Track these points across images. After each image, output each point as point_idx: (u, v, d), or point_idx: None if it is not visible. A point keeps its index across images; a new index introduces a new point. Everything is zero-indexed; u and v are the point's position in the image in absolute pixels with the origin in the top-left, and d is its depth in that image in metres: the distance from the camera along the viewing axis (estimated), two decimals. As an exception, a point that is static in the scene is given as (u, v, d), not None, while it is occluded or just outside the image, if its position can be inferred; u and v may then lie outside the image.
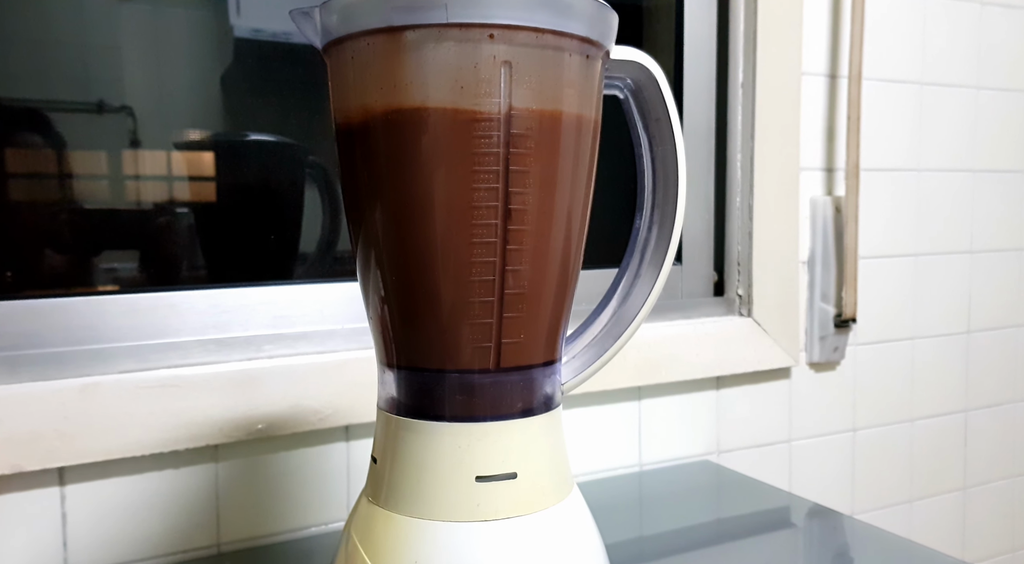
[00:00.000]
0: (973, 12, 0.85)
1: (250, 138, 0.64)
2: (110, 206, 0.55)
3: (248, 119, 0.62)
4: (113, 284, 0.55)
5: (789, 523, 0.60)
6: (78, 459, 0.46)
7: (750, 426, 0.75)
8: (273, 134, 0.63)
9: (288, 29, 0.62)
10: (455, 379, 0.30)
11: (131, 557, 0.49)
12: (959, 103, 0.86)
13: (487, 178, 0.28)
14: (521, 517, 0.30)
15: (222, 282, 0.55)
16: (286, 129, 0.63)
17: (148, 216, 0.57)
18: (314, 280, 0.58)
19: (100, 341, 0.49)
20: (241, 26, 0.60)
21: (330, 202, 0.66)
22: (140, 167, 0.57)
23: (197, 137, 0.60)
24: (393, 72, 0.28)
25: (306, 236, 0.65)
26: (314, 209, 0.65)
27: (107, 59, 0.56)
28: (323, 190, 0.66)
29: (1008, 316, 0.92)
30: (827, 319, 0.77)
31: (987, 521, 0.93)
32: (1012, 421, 0.94)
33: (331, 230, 0.67)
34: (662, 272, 0.35)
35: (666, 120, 0.34)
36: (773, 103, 0.71)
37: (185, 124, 0.58)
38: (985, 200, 0.89)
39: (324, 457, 0.55)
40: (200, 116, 0.59)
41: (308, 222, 0.65)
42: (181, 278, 0.58)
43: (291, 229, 0.65)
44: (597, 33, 0.29)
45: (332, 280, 0.58)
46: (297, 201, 0.65)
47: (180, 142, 0.59)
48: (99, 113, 0.55)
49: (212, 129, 0.61)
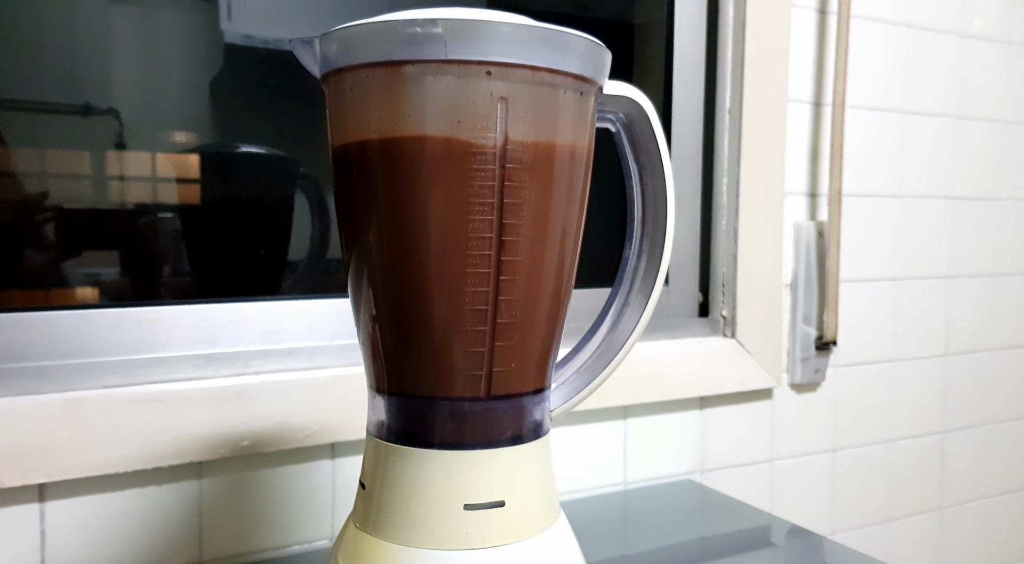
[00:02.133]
0: (953, 44, 0.87)
1: (241, 150, 0.64)
2: (93, 207, 0.55)
3: (237, 126, 0.62)
4: (93, 288, 0.54)
5: (769, 543, 0.60)
6: (60, 475, 0.46)
7: (733, 446, 0.76)
8: (262, 141, 0.63)
9: (279, 35, 0.62)
10: (446, 406, 0.30)
11: (111, 574, 0.49)
12: (939, 132, 0.87)
13: (482, 210, 0.28)
14: (509, 545, 0.30)
15: (211, 297, 0.55)
16: (276, 137, 0.63)
17: (133, 226, 0.57)
18: (304, 296, 0.58)
19: (85, 355, 0.49)
20: (232, 31, 0.60)
21: (320, 215, 0.66)
22: (126, 172, 0.56)
23: (187, 148, 0.59)
24: (392, 104, 0.28)
25: (295, 249, 0.64)
26: (304, 221, 0.65)
27: (95, 61, 0.55)
28: (313, 202, 0.66)
29: (984, 340, 0.94)
30: (809, 341, 0.78)
31: (963, 541, 0.95)
32: (987, 443, 0.96)
33: (320, 243, 0.67)
34: (651, 300, 0.36)
35: (656, 153, 0.34)
36: (759, 129, 0.72)
37: (172, 128, 0.58)
38: (963, 227, 0.91)
39: (309, 474, 0.55)
40: (188, 121, 0.59)
41: (298, 234, 0.65)
42: (168, 289, 0.58)
43: (280, 242, 0.65)
44: (591, 70, 0.30)
45: (322, 296, 0.58)
46: (287, 214, 0.65)
47: (170, 149, 0.59)
48: (85, 116, 0.55)
49: (199, 134, 0.60)
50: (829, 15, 0.78)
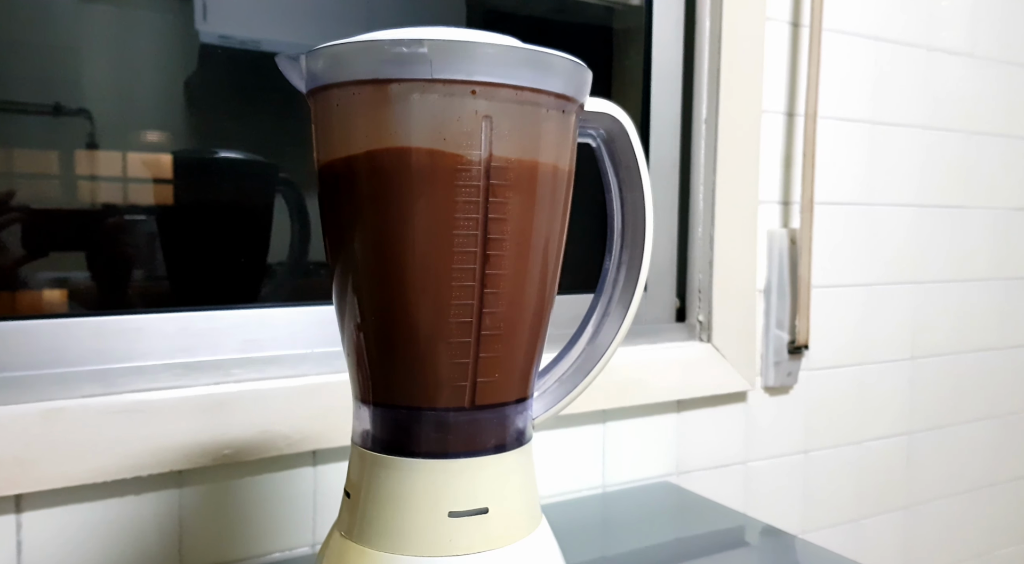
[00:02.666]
0: (921, 57, 0.90)
1: (220, 155, 0.64)
2: (62, 208, 0.54)
3: (213, 128, 0.61)
4: (62, 290, 0.53)
5: (743, 543, 0.62)
6: (37, 486, 0.45)
7: (708, 448, 0.77)
8: (239, 144, 0.62)
9: (256, 37, 0.61)
10: (431, 417, 0.31)
11: (90, 584, 0.49)
12: (908, 142, 0.90)
13: (467, 225, 0.29)
14: (492, 551, 0.31)
15: (187, 304, 0.55)
16: (253, 140, 0.62)
17: (104, 228, 0.56)
18: (285, 303, 0.58)
19: (64, 365, 0.49)
20: (208, 32, 0.59)
21: (299, 221, 0.66)
22: (98, 172, 0.55)
23: (164, 150, 0.59)
24: (378, 121, 0.29)
25: (275, 255, 0.64)
26: (283, 227, 0.64)
27: (66, 61, 0.54)
28: (293, 208, 0.66)
29: (951, 343, 0.96)
30: (781, 345, 0.80)
31: (929, 538, 0.97)
32: (953, 443, 0.98)
33: (300, 249, 0.67)
34: (630, 310, 0.36)
35: (635, 168, 0.35)
36: (734, 138, 0.74)
37: (145, 129, 0.57)
38: (931, 234, 0.93)
39: (291, 482, 0.55)
40: (162, 122, 0.58)
41: (278, 240, 0.64)
42: (143, 295, 0.57)
43: (260, 248, 0.65)
44: (573, 89, 0.31)
45: (304, 303, 0.58)
46: (266, 219, 0.65)
47: (143, 150, 0.58)
48: (56, 116, 0.54)
49: (174, 135, 0.59)
50: (802, 28, 0.79)
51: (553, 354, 0.38)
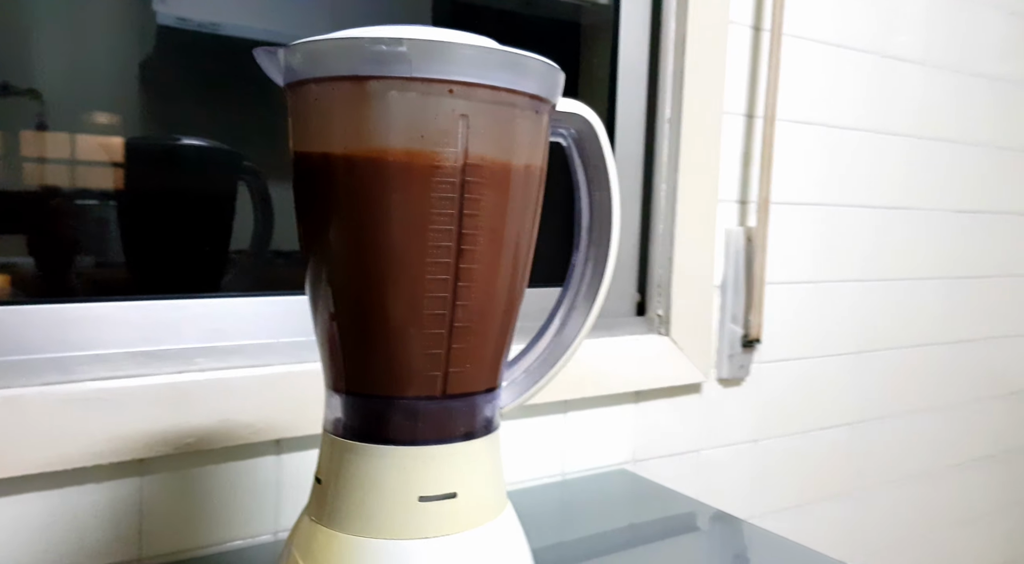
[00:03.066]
0: (876, 63, 0.93)
1: (180, 142, 0.63)
2: (10, 190, 0.53)
3: (169, 111, 0.60)
4: (4, 275, 0.52)
5: (695, 528, 0.64)
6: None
7: (664, 437, 0.79)
8: (196, 127, 0.61)
9: (216, 20, 0.60)
10: (403, 405, 0.32)
11: (49, 573, 0.48)
12: (862, 145, 0.93)
13: (443, 220, 0.30)
14: (461, 534, 0.32)
15: (149, 293, 0.55)
16: (211, 123, 0.61)
17: (50, 211, 0.55)
18: (250, 293, 0.58)
19: (24, 352, 0.48)
20: (165, 13, 0.58)
21: (262, 209, 0.66)
22: (48, 154, 0.54)
23: (123, 136, 0.57)
24: (356, 117, 0.29)
25: (238, 243, 0.64)
26: (246, 214, 0.64)
27: (16, 39, 0.53)
28: (256, 196, 0.65)
29: (894, 338, 1.01)
30: (736, 339, 0.82)
31: (873, 524, 1.02)
32: (896, 433, 1.03)
33: (263, 237, 0.66)
34: (595, 304, 0.38)
35: (604, 168, 0.37)
36: (696, 139, 0.76)
37: (98, 110, 0.56)
38: (881, 234, 0.97)
39: (254, 471, 0.55)
40: (115, 104, 0.57)
41: (240, 227, 0.64)
42: (99, 282, 0.56)
43: (220, 237, 0.64)
44: (546, 90, 0.32)
45: (269, 293, 0.58)
46: (227, 208, 0.65)
47: (97, 132, 0.57)
48: (2, 96, 0.53)
49: (128, 118, 0.58)
50: (763, 32, 0.82)
51: (521, 345, 0.39)
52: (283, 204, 0.65)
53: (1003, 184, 1.12)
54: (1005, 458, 1.20)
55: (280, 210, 0.65)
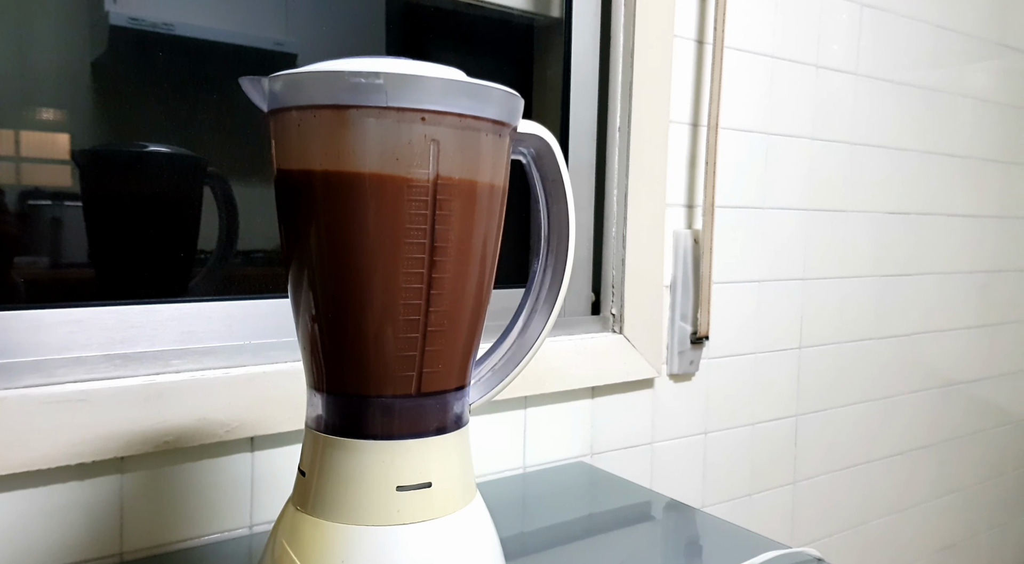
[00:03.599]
0: (810, 74, 0.99)
1: (149, 149, 0.64)
2: None
3: (120, 111, 0.60)
4: None
5: (650, 516, 0.67)
6: (-21, 475, 0.46)
7: (619, 430, 0.83)
8: (149, 128, 0.61)
9: (170, 20, 0.61)
10: (380, 403, 0.35)
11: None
12: (798, 151, 0.99)
13: (416, 234, 0.33)
14: (435, 520, 0.35)
15: (128, 298, 0.56)
16: (164, 119, 0.61)
17: None
18: (222, 297, 0.60)
19: (3, 356, 0.49)
20: (117, 13, 0.59)
21: (227, 212, 0.67)
22: None
23: (61, 133, 0.57)
24: (336, 142, 0.32)
25: (203, 246, 0.65)
26: (210, 218, 0.65)
27: None
28: (220, 200, 0.67)
29: (832, 334, 1.07)
30: (685, 336, 0.87)
31: (814, 510, 1.07)
32: (834, 424, 1.08)
33: (228, 242, 0.68)
34: (555, 308, 0.42)
35: (560, 183, 0.40)
36: (645, 146, 0.80)
37: (45, 109, 0.56)
38: (817, 235, 1.03)
39: (229, 467, 0.57)
40: (65, 103, 0.57)
41: (204, 230, 0.64)
42: (75, 290, 0.57)
43: (187, 241, 0.65)
44: (506, 115, 0.36)
45: (240, 297, 0.60)
46: (195, 212, 0.66)
47: (43, 130, 0.57)
48: None
49: (76, 117, 0.58)
50: (706, 45, 0.87)
51: (487, 346, 0.42)
52: (246, 206, 0.66)
53: (930, 187, 1.19)
54: (941, 447, 1.26)
55: (245, 212, 0.66)
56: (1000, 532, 1.44)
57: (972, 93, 1.24)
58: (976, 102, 1.25)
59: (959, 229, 1.25)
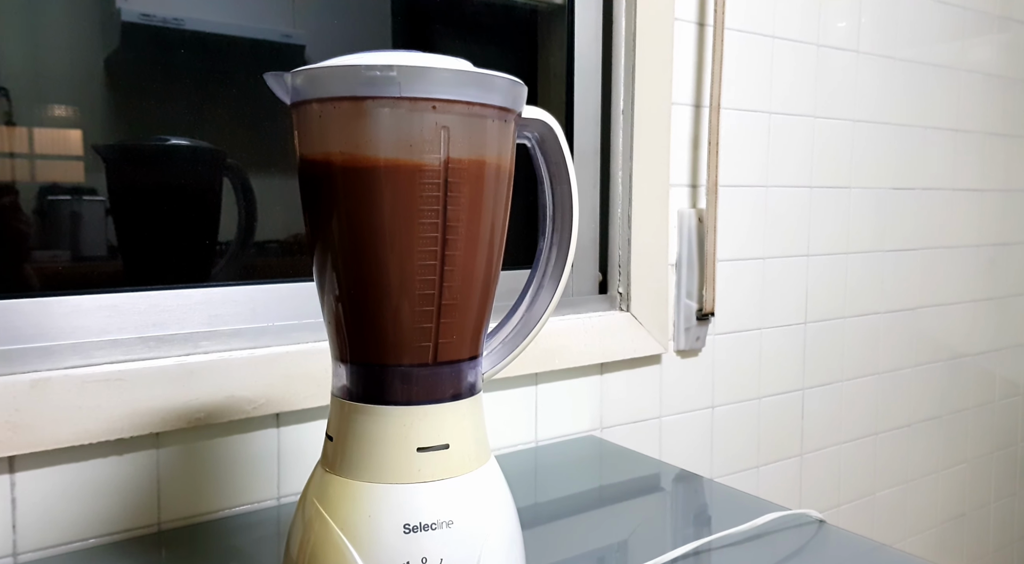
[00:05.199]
0: (811, 53, 1.01)
1: (170, 143, 0.66)
2: None
3: (135, 106, 0.61)
4: None
5: (659, 487, 0.69)
6: (28, 449, 0.50)
7: (628, 405, 0.86)
8: (163, 123, 0.62)
9: (180, 15, 0.62)
10: (400, 372, 0.38)
11: (76, 537, 0.53)
12: (799, 130, 1.00)
13: (430, 214, 0.36)
14: (453, 478, 0.38)
15: (158, 284, 0.59)
16: (178, 118, 0.63)
17: None
18: (246, 282, 0.63)
19: (47, 339, 0.53)
20: (129, 10, 0.60)
21: (246, 202, 0.70)
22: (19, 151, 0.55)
23: (74, 129, 0.58)
24: (355, 131, 0.35)
25: (224, 234, 0.67)
26: (229, 206, 0.67)
27: None
28: (239, 191, 0.69)
29: (837, 309, 1.08)
30: (691, 313, 0.89)
31: (819, 480, 1.10)
32: (839, 397, 1.10)
33: (247, 230, 0.71)
34: (560, 284, 0.44)
35: (563, 164, 0.43)
36: (648, 128, 0.82)
37: (60, 105, 0.57)
38: (819, 212, 1.04)
39: (257, 442, 0.61)
40: (79, 100, 0.58)
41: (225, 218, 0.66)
42: (85, 276, 0.59)
43: (208, 230, 0.68)
44: (511, 102, 0.38)
45: (263, 282, 0.63)
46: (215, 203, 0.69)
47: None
48: None
49: (89, 113, 0.59)
50: (707, 27, 0.88)
51: (497, 321, 0.45)
52: (263, 196, 0.69)
53: (934, 162, 1.20)
54: (948, 419, 1.28)
55: (263, 203, 0.69)
56: (1008, 503, 1.46)
57: (976, 67, 1.24)
58: (980, 76, 1.25)
59: (964, 203, 1.26)
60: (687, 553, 0.54)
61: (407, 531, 0.36)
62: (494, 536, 0.38)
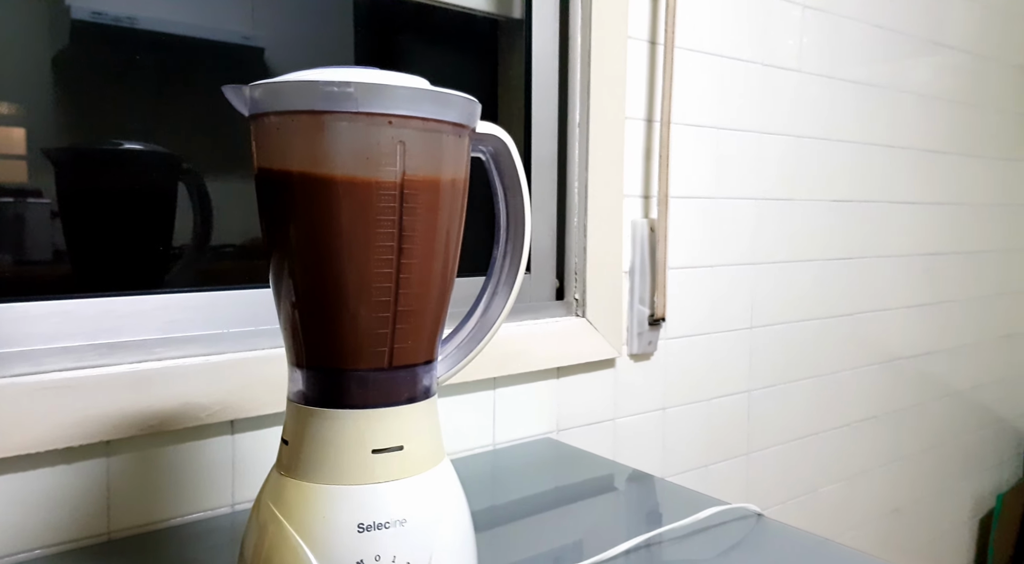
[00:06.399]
0: (757, 72, 1.04)
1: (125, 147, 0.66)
2: None
3: (83, 106, 0.60)
4: None
5: (613, 487, 0.70)
6: (-26, 458, 0.49)
7: (583, 408, 0.87)
8: (113, 123, 0.61)
9: (133, 13, 0.61)
10: (356, 376, 0.39)
11: (23, 547, 0.53)
12: (746, 144, 1.04)
13: (386, 225, 0.37)
14: (407, 478, 0.39)
15: (116, 290, 0.59)
16: (127, 116, 0.62)
17: None
18: (203, 288, 0.63)
19: (-5, 348, 0.52)
20: (79, 7, 0.59)
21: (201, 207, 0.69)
22: None
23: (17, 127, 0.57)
24: (312, 144, 0.36)
25: (178, 239, 0.66)
26: (185, 211, 0.66)
27: None
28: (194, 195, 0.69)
29: (781, 315, 1.12)
30: (643, 318, 0.92)
31: (765, 478, 1.13)
32: (784, 399, 1.14)
33: (203, 235, 0.70)
34: (513, 291, 0.46)
35: (516, 177, 0.45)
36: (603, 141, 0.84)
37: (3, 101, 0.56)
38: (765, 222, 1.08)
39: (211, 449, 0.61)
40: (23, 97, 0.57)
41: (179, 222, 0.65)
42: (36, 281, 0.58)
43: (165, 236, 0.67)
44: (465, 118, 0.40)
45: (220, 288, 0.63)
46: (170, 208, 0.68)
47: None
48: None
49: (34, 111, 0.57)
50: (658, 46, 0.91)
51: (452, 326, 0.46)
52: (220, 200, 0.68)
53: (872, 176, 1.26)
54: (886, 418, 1.33)
55: (218, 205, 0.68)
56: (940, 497, 1.52)
57: (911, 88, 1.30)
58: (915, 96, 1.31)
59: (901, 215, 1.32)
60: (635, 547, 0.56)
61: (361, 530, 0.37)
62: (447, 533, 0.40)
